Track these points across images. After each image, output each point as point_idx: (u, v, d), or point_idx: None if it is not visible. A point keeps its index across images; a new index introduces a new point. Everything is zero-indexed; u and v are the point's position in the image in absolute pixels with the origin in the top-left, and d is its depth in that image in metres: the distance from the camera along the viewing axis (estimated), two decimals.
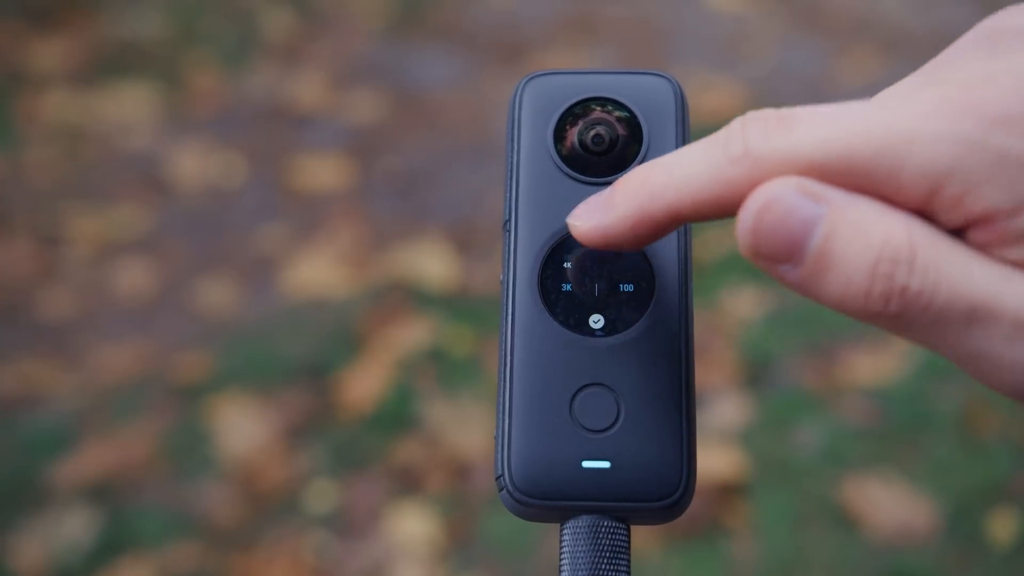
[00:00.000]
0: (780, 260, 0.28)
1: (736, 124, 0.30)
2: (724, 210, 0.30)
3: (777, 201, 0.28)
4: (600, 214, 0.32)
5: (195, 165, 2.28)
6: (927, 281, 0.27)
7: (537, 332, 0.35)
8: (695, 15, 2.74)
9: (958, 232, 0.28)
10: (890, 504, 1.50)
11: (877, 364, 1.71)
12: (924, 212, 0.28)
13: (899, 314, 0.27)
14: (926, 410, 1.63)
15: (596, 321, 0.36)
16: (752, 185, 0.29)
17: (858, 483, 1.53)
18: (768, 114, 0.29)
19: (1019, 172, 0.27)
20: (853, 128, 0.28)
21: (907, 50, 2.54)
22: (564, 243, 0.36)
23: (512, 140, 0.38)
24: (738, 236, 0.29)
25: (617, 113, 0.38)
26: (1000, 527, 1.46)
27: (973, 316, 0.27)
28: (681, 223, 0.31)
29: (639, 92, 0.38)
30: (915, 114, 0.28)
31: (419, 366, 1.76)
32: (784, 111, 0.29)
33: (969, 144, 0.27)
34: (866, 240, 0.27)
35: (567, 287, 0.36)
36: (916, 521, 1.48)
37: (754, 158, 0.29)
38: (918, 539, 1.46)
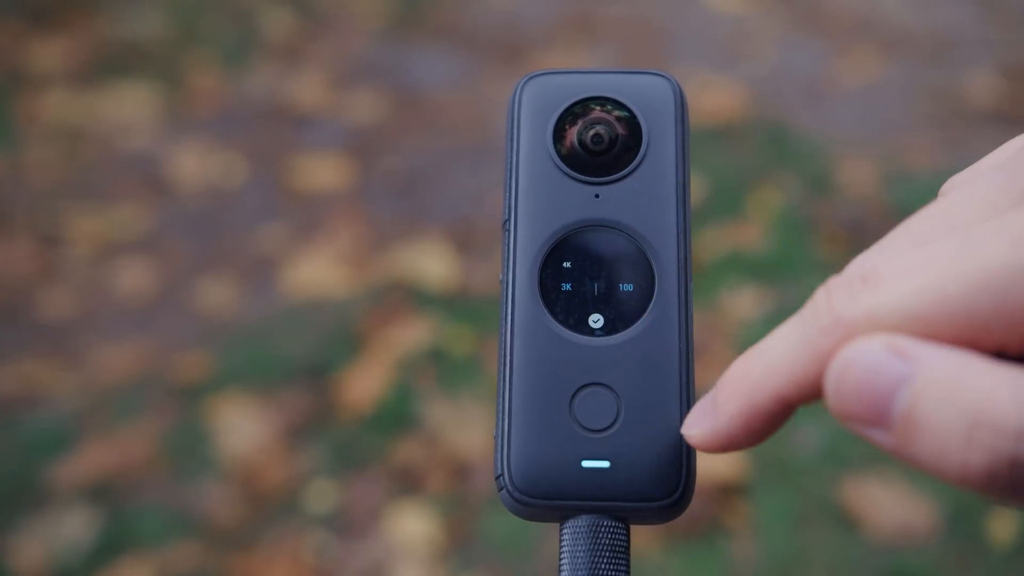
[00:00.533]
0: (868, 424, 0.26)
1: (820, 294, 0.28)
2: None
3: (859, 361, 0.25)
4: (710, 419, 0.31)
5: (195, 165, 2.28)
6: None
7: (537, 332, 0.35)
8: (695, 15, 2.74)
9: None
10: (890, 504, 1.50)
11: None
12: None
13: (1011, 487, 0.24)
14: None
15: (596, 321, 0.36)
16: None
17: (858, 483, 1.53)
18: (851, 276, 0.27)
19: None
20: (945, 272, 0.25)
21: (907, 50, 2.54)
22: (564, 242, 0.36)
23: (511, 140, 0.38)
24: (826, 400, 0.27)
25: (616, 113, 0.38)
26: (1000, 527, 1.46)
27: None
28: (795, 407, 0.29)
29: (638, 92, 0.38)
30: (1012, 243, 0.24)
31: (419, 366, 1.76)
32: (867, 269, 0.27)
33: None
34: (960, 403, 0.24)
35: (567, 286, 0.36)
36: (916, 521, 1.48)
37: (845, 324, 0.26)
38: (918, 539, 1.46)
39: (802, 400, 0.28)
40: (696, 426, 0.31)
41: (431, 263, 1.96)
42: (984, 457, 0.24)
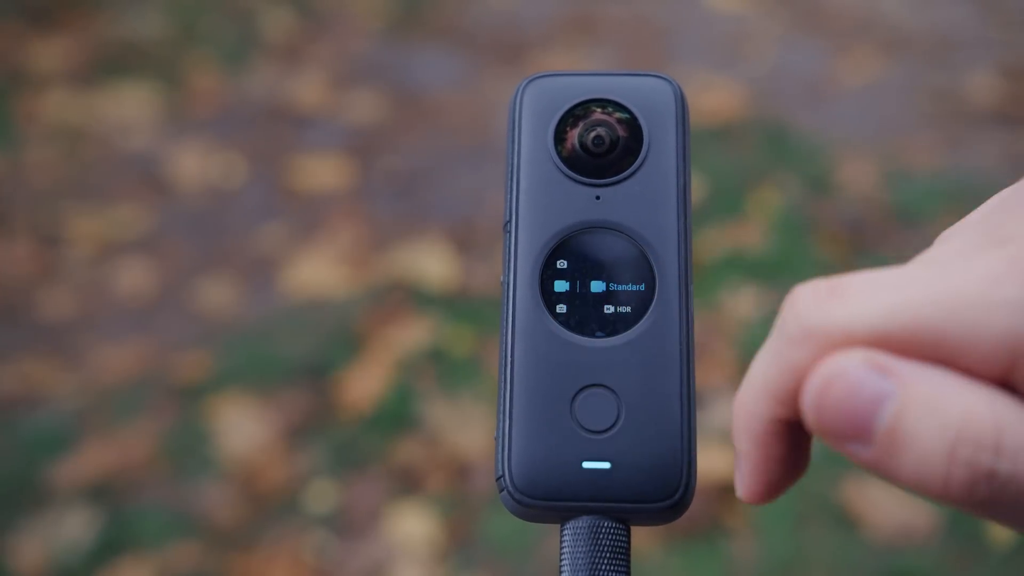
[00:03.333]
0: (849, 439, 0.26)
1: (786, 304, 0.28)
2: None
3: (841, 376, 0.26)
4: (740, 468, 0.30)
5: (195, 165, 2.28)
6: (1019, 464, 0.24)
7: (538, 333, 0.35)
8: (695, 15, 2.74)
9: None
10: (890, 504, 1.50)
11: None
12: (1005, 384, 0.25)
13: (990, 501, 0.25)
14: None
15: (597, 322, 0.36)
16: (815, 362, 0.27)
17: (858, 483, 1.53)
18: (816, 285, 0.27)
19: None
20: (920, 295, 0.26)
21: (907, 50, 2.54)
22: (565, 244, 0.37)
23: (513, 141, 0.38)
24: (803, 414, 0.27)
25: (617, 115, 0.38)
26: (1000, 527, 1.46)
27: None
28: (791, 421, 0.29)
29: (639, 94, 0.38)
30: (984, 277, 0.25)
31: (419, 366, 1.76)
32: (833, 281, 0.27)
33: None
34: (942, 419, 0.25)
35: (568, 288, 0.36)
36: (916, 521, 1.48)
37: (814, 334, 0.27)
38: (918, 539, 1.46)
39: (795, 416, 0.28)
40: (739, 485, 0.31)
41: (431, 263, 1.96)
42: (965, 472, 0.24)
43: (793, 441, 0.29)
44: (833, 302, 0.27)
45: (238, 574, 1.49)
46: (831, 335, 0.26)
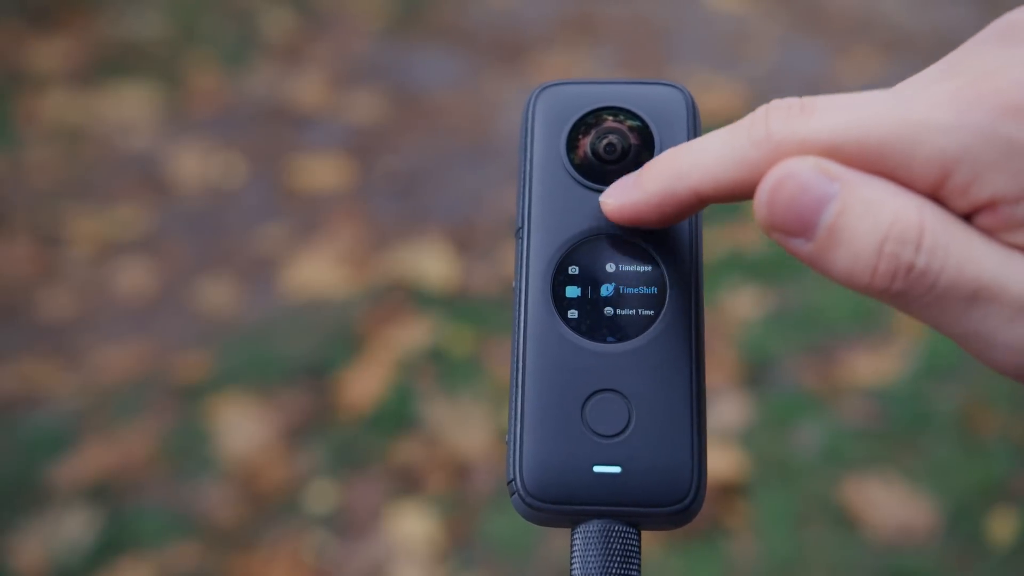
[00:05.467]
0: (793, 234, 0.30)
1: (760, 111, 0.31)
2: (745, 192, 0.31)
3: (792, 177, 0.29)
4: (630, 192, 0.34)
5: (195, 165, 2.28)
6: (933, 261, 0.28)
7: (549, 338, 0.36)
8: (695, 15, 2.74)
9: (966, 218, 0.29)
10: (890, 504, 1.50)
11: (877, 364, 1.71)
12: (935, 197, 0.29)
13: (903, 292, 0.29)
14: (926, 410, 1.64)
15: (608, 327, 0.36)
16: (772, 167, 0.30)
17: (858, 483, 1.53)
18: (791, 101, 0.31)
19: None
20: (870, 115, 0.29)
21: (907, 50, 2.54)
22: (577, 250, 0.37)
23: (525, 149, 0.39)
24: (755, 210, 0.30)
25: (629, 122, 0.38)
26: (1000, 527, 1.46)
27: (976, 297, 0.28)
28: (705, 203, 0.33)
29: (651, 102, 0.39)
30: (929, 104, 0.29)
31: (419, 366, 1.76)
32: (806, 99, 0.31)
33: (978, 133, 0.28)
34: (876, 218, 0.28)
35: (579, 293, 0.36)
36: (916, 521, 1.48)
37: (775, 142, 0.30)
38: (918, 539, 1.46)
39: (715, 198, 0.32)
40: (614, 196, 0.35)
41: (431, 263, 1.97)
42: (890, 264, 0.28)
43: (685, 210, 0.33)
44: (800, 116, 0.30)
45: (238, 574, 1.49)
46: (790, 144, 0.30)
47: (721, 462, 1.54)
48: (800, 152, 0.30)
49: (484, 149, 2.28)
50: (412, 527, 1.53)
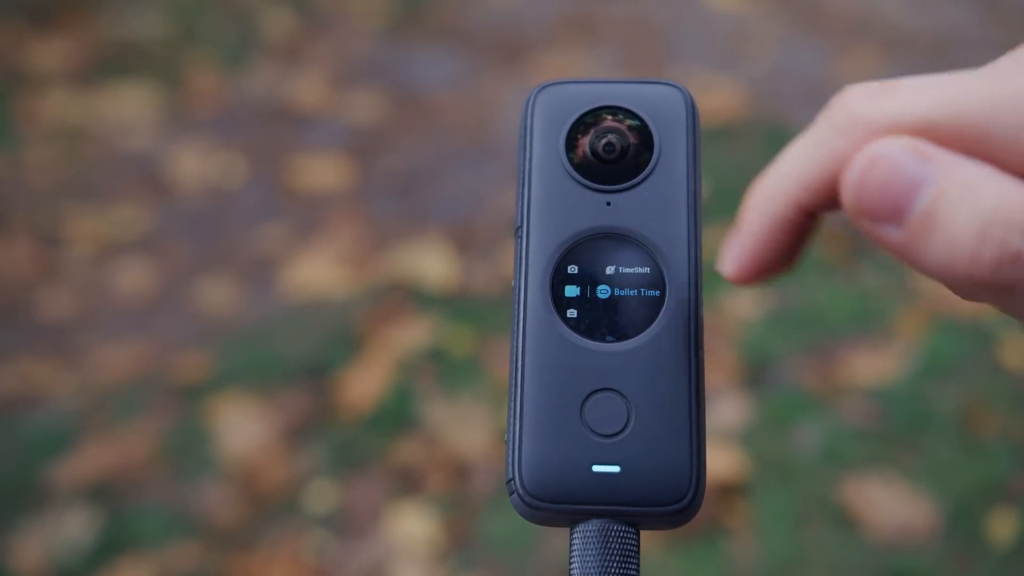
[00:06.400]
0: (883, 219, 0.27)
1: (836, 99, 0.29)
2: None
3: (884, 158, 0.27)
4: (736, 244, 0.32)
5: (195, 165, 2.28)
6: None
7: (548, 337, 0.36)
8: (695, 15, 2.74)
9: None
10: (890, 504, 1.50)
11: (877, 364, 1.71)
12: None
13: (1012, 283, 0.26)
14: (926, 410, 1.63)
15: (607, 327, 0.36)
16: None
17: (858, 483, 1.53)
18: (869, 84, 0.29)
19: None
20: (963, 92, 0.27)
21: (907, 50, 2.54)
22: (576, 249, 0.37)
23: (524, 148, 0.39)
24: (842, 194, 0.28)
25: (628, 122, 0.38)
26: (1000, 527, 1.46)
27: None
28: (814, 216, 0.30)
29: (650, 101, 0.39)
30: None
31: (419, 366, 1.76)
32: (886, 81, 0.28)
33: None
34: (977, 202, 0.26)
35: (578, 293, 0.36)
36: (916, 521, 1.48)
37: (861, 124, 0.28)
38: (918, 539, 1.46)
39: (820, 205, 0.29)
40: (726, 259, 0.32)
41: (431, 263, 1.97)
42: (994, 250, 0.25)
43: (798, 233, 0.31)
44: (884, 97, 0.28)
45: (238, 574, 1.49)
46: (879, 125, 0.28)
47: (721, 462, 1.54)
48: (890, 131, 0.27)
49: (484, 149, 2.28)
50: (412, 527, 1.53)
